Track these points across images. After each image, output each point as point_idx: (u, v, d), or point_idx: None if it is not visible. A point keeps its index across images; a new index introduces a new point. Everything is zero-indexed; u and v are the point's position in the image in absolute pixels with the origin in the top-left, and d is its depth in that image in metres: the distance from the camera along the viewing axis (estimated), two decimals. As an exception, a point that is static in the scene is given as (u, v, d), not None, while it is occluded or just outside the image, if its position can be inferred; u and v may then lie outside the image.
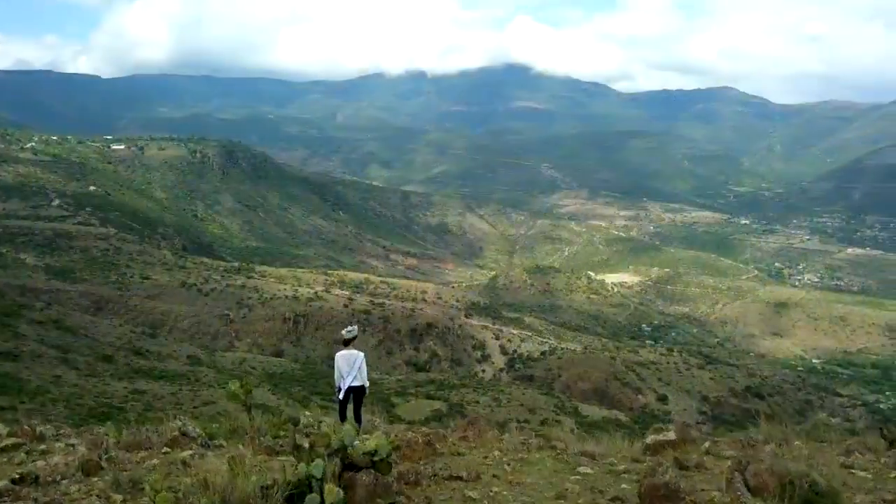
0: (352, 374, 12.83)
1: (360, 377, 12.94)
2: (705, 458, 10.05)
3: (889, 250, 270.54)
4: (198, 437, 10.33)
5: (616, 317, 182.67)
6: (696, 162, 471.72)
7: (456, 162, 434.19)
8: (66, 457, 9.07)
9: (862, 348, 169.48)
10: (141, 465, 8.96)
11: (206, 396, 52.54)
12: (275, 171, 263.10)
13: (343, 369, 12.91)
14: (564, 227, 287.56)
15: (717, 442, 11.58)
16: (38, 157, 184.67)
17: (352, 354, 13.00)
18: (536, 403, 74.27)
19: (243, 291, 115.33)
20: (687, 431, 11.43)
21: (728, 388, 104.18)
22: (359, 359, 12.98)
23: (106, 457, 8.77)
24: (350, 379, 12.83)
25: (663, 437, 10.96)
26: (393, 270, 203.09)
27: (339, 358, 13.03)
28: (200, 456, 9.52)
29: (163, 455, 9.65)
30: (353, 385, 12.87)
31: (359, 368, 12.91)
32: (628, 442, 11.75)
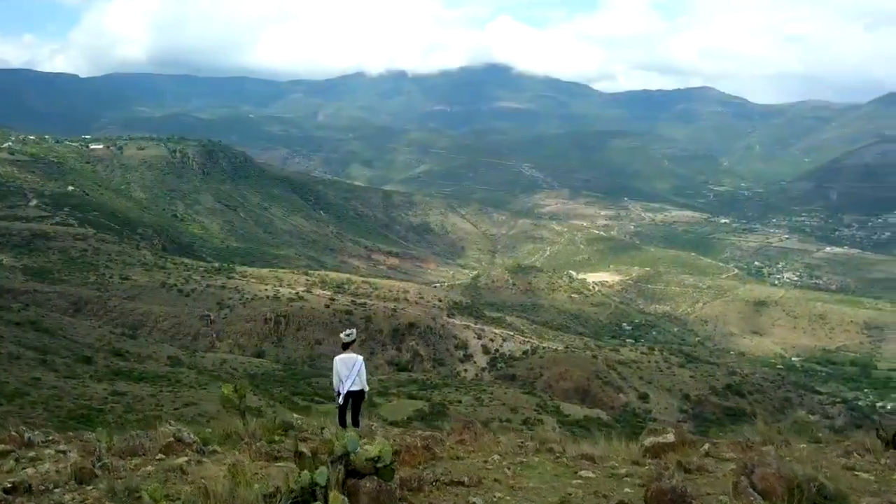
0: (351, 377, 12.70)
1: (360, 381, 12.81)
2: (705, 460, 10.02)
3: (866, 249, 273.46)
4: (193, 443, 10.13)
5: (597, 316, 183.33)
6: (676, 161, 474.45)
7: (438, 161, 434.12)
8: (57, 464, 8.89)
9: (840, 346, 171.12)
10: (136, 472, 8.77)
11: (187, 398, 52.12)
12: (255, 170, 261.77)
13: (342, 373, 12.79)
14: (546, 227, 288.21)
15: (716, 444, 11.55)
16: (16, 156, 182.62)
17: (351, 358, 12.87)
18: (518, 403, 74.35)
19: (224, 292, 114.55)
20: (685, 433, 11.40)
21: (709, 386, 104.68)
22: (358, 362, 12.85)
23: (99, 464, 8.58)
24: (349, 383, 12.70)
25: (662, 440, 10.92)
26: (375, 270, 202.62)
27: (338, 362, 12.89)
28: (197, 462, 9.35)
29: (157, 462, 9.47)
30: (353, 389, 12.75)
31: (358, 372, 12.77)
32: (626, 444, 11.70)
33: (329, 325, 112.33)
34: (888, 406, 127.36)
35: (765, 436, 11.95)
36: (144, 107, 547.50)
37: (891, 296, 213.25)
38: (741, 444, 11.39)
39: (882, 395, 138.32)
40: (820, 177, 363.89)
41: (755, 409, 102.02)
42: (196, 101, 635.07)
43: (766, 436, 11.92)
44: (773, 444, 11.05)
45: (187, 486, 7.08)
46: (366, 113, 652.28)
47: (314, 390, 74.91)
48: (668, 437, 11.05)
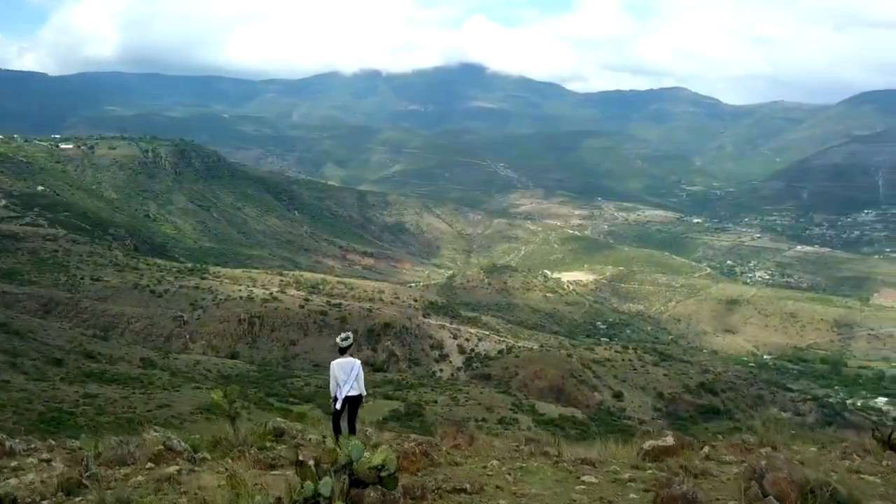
0: (349, 382, 12.44)
1: (358, 386, 12.54)
2: (707, 464, 9.95)
3: (836, 248, 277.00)
4: (183, 451, 9.85)
5: (572, 315, 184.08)
6: (648, 161, 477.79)
7: (412, 161, 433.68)
8: (42, 474, 8.59)
9: (811, 344, 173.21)
10: (126, 482, 8.50)
11: (160, 399, 51.65)
12: (228, 170, 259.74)
13: (339, 378, 12.52)
14: (521, 227, 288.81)
15: (715, 446, 11.49)
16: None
17: (349, 362, 12.61)
18: (494, 402, 74.46)
19: (197, 292, 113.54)
20: (684, 436, 11.33)
21: (682, 384, 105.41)
22: (356, 367, 12.58)
23: (87, 474, 8.30)
24: (347, 388, 12.43)
25: (661, 443, 10.84)
26: (349, 270, 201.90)
27: (336, 366, 12.63)
28: (189, 471, 9.09)
29: (147, 471, 9.19)
30: (350, 394, 12.48)
31: (356, 377, 12.51)
32: (623, 447, 11.59)
33: (304, 326, 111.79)
34: (858, 403, 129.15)
35: (762, 437, 11.91)
36: (115, 106, 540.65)
37: (860, 294, 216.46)
38: (740, 446, 11.34)
39: (852, 392, 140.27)
40: (791, 176, 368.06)
41: (728, 407, 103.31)
42: (167, 100, 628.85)
43: (763, 437, 11.89)
44: (771, 447, 11.02)
45: (182, 498, 6.86)
46: (340, 112, 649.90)
47: (289, 391, 74.50)
48: (668, 440, 10.97)
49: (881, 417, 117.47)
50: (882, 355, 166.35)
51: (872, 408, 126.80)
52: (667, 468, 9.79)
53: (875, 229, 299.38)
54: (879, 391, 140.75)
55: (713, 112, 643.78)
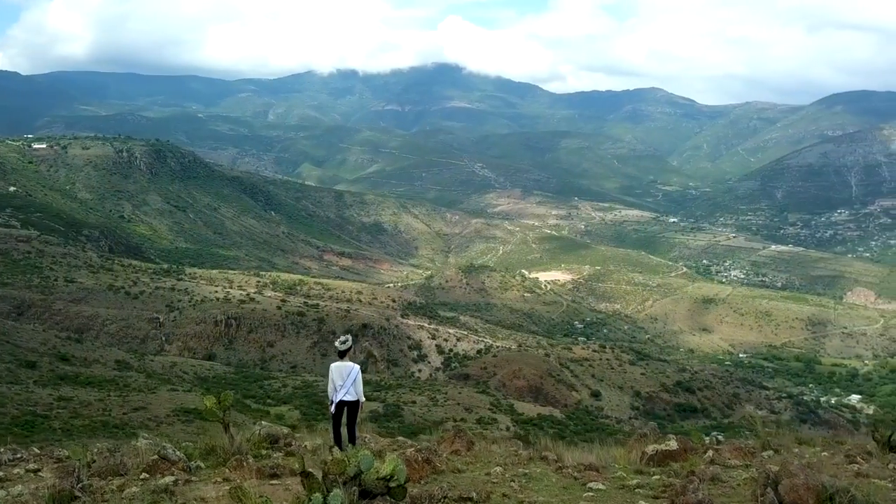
0: (345, 387, 12.23)
1: (355, 391, 12.32)
2: (712, 468, 9.88)
3: (810, 247, 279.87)
4: (178, 461, 9.60)
5: (549, 315, 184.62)
6: (625, 161, 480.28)
7: (389, 161, 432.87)
8: (30, 485, 8.35)
9: (786, 342, 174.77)
10: (119, 493, 8.27)
11: (135, 402, 51.15)
12: (204, 170, 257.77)
13: (336, 381, 12.33)
14: (498, 227, 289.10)
15: (719, 450, 11.46)
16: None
17: (346, 366, 12.44)
18: (473, 402, 74.56)
19: (173, 294, 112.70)
20: (686, 440, 11.30)
21: (659, 383, 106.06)
22: (353, 371, 12.37)
23: (79, 485, 8.07)
24: (343, 392, 12.22)
25: (665, 447, 10.79)
26: (327, 271, 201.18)
27: (333, 369, 12.46)
28: (185, 482, 8.88)
29: (142, 482, 8.94)
30: (347, 399, 12.27)
31: (353, 381, 12.29)
32: (624, 451, 11.52)
33: (281, 327, 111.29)
34: (832, 400, 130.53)
35: (763, 440, 11.91)
36: (88, 105, 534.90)
37: (833, 292, 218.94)
38: (743, 449, 11.31)
39: (826, 389, 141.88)
40: (765, 176, 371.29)
41: (705, 405, 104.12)
42: (141, 100, 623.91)
43: (765, 440, 11.89)
44: (773, 450, 11.02)
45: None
46: (316, 112, 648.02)
47: (266, 393, 74.11)
48: (671, 443, 10.92)
49: (855, 415, 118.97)
50: (855, 353, 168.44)
51: (846, 405, 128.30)
52: (674, 473, 9.74)
53: (848, 229, 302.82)
54: (853, 389, 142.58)
55: (689, 112, 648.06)
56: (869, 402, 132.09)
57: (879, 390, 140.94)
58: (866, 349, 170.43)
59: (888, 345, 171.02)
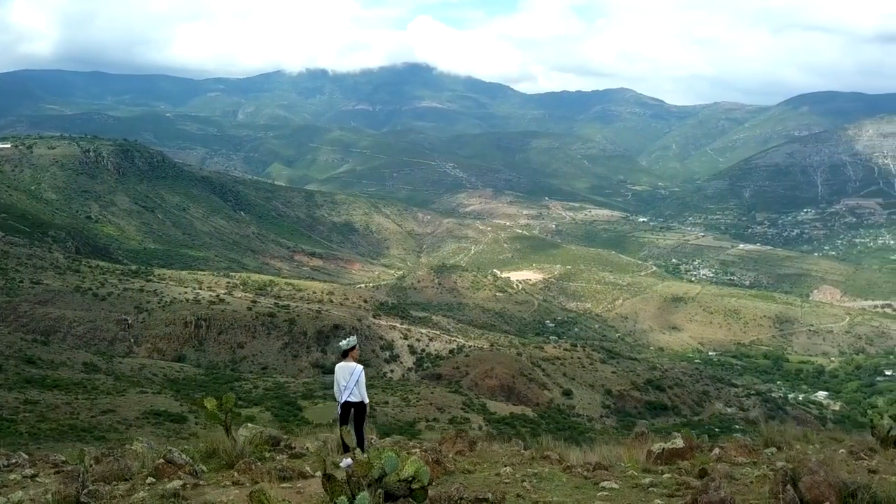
0: (349, 387, 12.01)
1: (359, 392, 12.08)
2: (720, 466, 9.85)
3: (777, 245, 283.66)
4: (185, 465, 9.32)
5: (521, 314, 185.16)
6: (595, 161, 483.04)
7: (360, 161, 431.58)
8: (30, 491, 8.05)
9: (754, 340, 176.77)
10: (127, 499, 8.02)
11: (104, 405, 50.64)
12: (173, 170, 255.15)
13: (340, 382, 12.17)
14: (470, 227, 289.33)
15: (724, 448, 11.44)
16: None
17: (349, 367, 12.22)
18: (445, 402, 74.58)
19: (142, 295, 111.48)
20: (692, 438, 11.27)
21: (630, 381, 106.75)
22: (356, 371, 12.13)
23: (85, 491, 7.80)
24: (347, 394, 12.02)
25: (671, 445, 10.76)
26: (298, 271, 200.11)
27: (338, 370, 12.33)
28: (193, 486, 8.65)
29: (149, 486, 8.68)
30: (352, 401, 12.05)
31: (357, 382, 12.05)
32: (627, 449, 11.47)
33: (251, 329, 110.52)
34: (799, 397, 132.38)
35: (766, 438, 11.94)
36: (54, 105, 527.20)
37: (800, 290, 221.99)
38: (747, 447, 11.30)
39: (793, 386, 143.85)
40: (733, 176, 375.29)
41: (675, 403, 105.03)
42: (108, 99, 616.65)
43: (767, 438, 11.91)
44: (775, 447, 11.03)
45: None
46: (286, 112, 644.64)
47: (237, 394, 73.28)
48: (678, 441, 10.89)
49: (822, 411, 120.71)
50: (821, 350, 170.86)
51: (813, 402, 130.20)
52: (685, 472, 9.70)
53: (814, 227, 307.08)
54: (819, 386, 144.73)
55: (658, 113, 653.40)
56: (835, 398, 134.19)
57: (845, 387, 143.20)
58: (832, 346, 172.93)
59: (854, 342, 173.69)
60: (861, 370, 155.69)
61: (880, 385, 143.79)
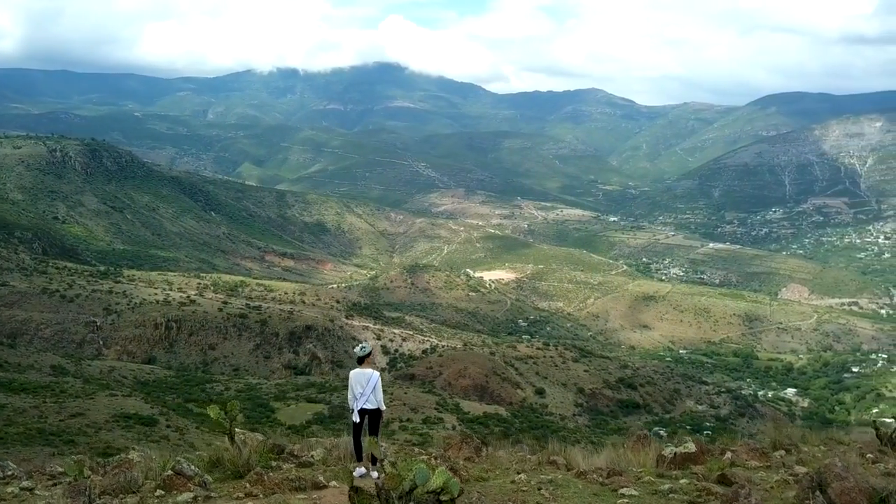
0: (365, 394, 11.85)
1: (375, 399, 11.93)
2: (736, 470, 9.75)
3: (746, 244, 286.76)
4: (194, 476, 9.02)
5: (494, 313, 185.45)
6: (566, 161, 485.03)
7: (332, 160, 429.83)
8: None
9: (724, 338, 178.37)
10: None
11: (73, 408, 49.95)
12: (142, 170, 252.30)
13: (356, 389, 11.97)
14: (443, 226, 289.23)
15: (736, 451, 11.36)
16: None
17: (366, 373, 12.08)
18: (419, 402, 74.58)
19: (111, 297, 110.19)
20: (703, 443, 11.20)
21: (602, 380, 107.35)
22: (373, 378, 12.02)
23: None
24: (363, 401, 11.84)
25: (683, 450, 10.67)
26: (269, 272, 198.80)
27: (353, 377, 12.12)
28: (204, 499, 8.36)
29: (158, 499, 8.38)
30: (368, 408, 11.88)
31: (373, 389, 11.92)
32: (635, 454, 11.34)
33: (223, 330, 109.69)
34: (769, 394, 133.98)
35: (774, 440, 11.89)
36: (19, 104, 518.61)
37: (768, 289, 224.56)
38: (757, 450, 11.23)
39: (763, 383, 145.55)
40: (703, 176, 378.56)
41: (647, 401, 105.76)
42: (75, 98, 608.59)
43: (776, 440, 11.87)
44: (784, 449, 10.97)
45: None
46: (257, 111, 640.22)
47: (209, 396, 72.85)
48: (689, 446, 10.81)
49: (791, 408, 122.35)
50: (790, 348, 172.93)
51: (782, 398, 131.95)
52: (702, 477, 9.60)
53: (782, 226, 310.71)
54: (788, 383, 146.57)
55: (628, 113, 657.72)
56: (804, 395, 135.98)
57: (813, 384, 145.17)
58: (801, 344, 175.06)
59: (821, 339, 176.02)
60: (828, 367, 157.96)
61: (847, 382, 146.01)
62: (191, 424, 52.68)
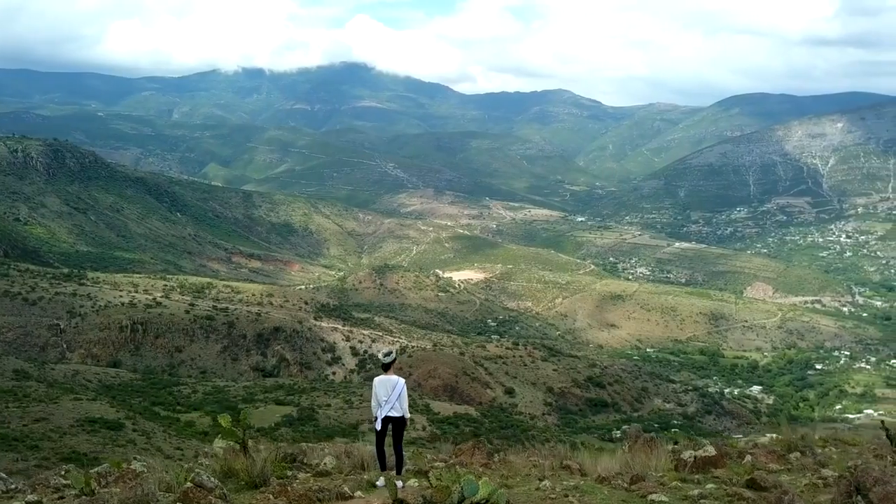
0: (390, 402, 11.67)
1: (400, 406, 11.76)
2: (758, 474, 9.69)
3: (712, 243, 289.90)
4: (215, 488, 8.67)
5: (463, 314, 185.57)
6: (533, 162, 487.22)
7: (299, 161, 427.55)
8: None
9: (691, 336, 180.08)
10: None
11: (36, 413, 49.20)
12: (106, 171, 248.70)
13: (381, 396, 11.77)
14: (411, 226, 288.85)
15: (753, 454, 11.31)
16: None
17: (391, 380, 11.88)
18: (389, 403, 74.07)
19: (75, 299, 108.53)
20: (722, 446, 11.16)
21: (571, 378, 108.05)
22: (399, 385, 11.82)
23: None
24: (388, 408, 11.66)
25: (703, 453, 10.61)
26: (236, 273, 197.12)
27: (377, 384, 11.93)
28: None
29: None
30: (392, 416, 11.70)
31: (399, 396, 11.73)
32: (650, 458, 11.24)
33: (189, 332, 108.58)
34: (735, 392, 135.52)
35: (788, 442, 11.88)
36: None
37: (734, 287, 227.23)
38: (775, 452, 11.20)
39: (729, 381, 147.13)
40: (668, 176, 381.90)
41: (616, 400, 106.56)
42: (37, 98, 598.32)
43: (791, 442, 11.86)
44: (799, 451, 10.95)
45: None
46: (223, 111, 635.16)
47: (176, 400, 72.05)
48: (709, 449, 10.76)
49: (756, 405, 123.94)
50: (755, 346, 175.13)
51: (748, 396, 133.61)
52: (727, 481, 9.51)
53: (747, 226, 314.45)
54: (754, 380, 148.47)
55: (595, 114, 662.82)
56: (769, 392, 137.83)
57: (778, 381, 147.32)
58: (766, 342, 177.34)
59: (785, 337, 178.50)
60: (793, 364, 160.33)
61: (811, 379, 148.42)
62: (158, 428, 52.05)
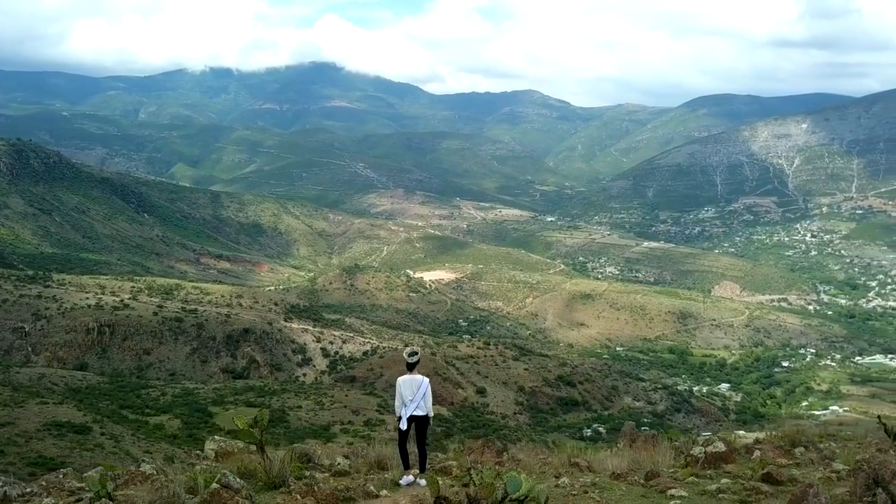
0: (415, 401, 11.73)
1: (425, 406, 11.82)
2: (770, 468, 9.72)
3: (680, 243, 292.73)
4: (242, 489, 8.50)
5: (434, 314, 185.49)
6: (503, 162, 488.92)
7: (268, 161, 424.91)
8: None
9: (660, 335, 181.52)
10: None
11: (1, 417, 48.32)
12: (71, 171, 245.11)
13: (406, 396, 11.80)
14: (382, 227, 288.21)
15: (761, 449, 11.39)
16: None
17: (416, 380, 11.93)
18: (360, 404, 74.17)
19: (40, 301, 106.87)
20: (731, 442, 11.20)
21: (542, 378, 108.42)
22: (423, 385, 11.89)
23: None
24: (413, 407, 11.71)
25: (714, 449, 10.66)
26: (205, 275, 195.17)
27: (402, 383, 11.93)
28: None
29: None
30: (416, 415, 11.75)
31: (423, 395, 11.79)
32: (657, 454, 11.24)
33: (158, 334, 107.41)
34: (704, 390, 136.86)
35: (793, 437, 11.94)
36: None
37: (702, 286, 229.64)
38: (781, 448, 11.28)
39: (698, 379, 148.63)
40: (637, 176, 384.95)
41: (586, 398, 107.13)
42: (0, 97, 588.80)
43: (794, 437, 11.92)
44: (802, 446, 11.01)
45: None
46: (190, 111, 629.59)
47: (144, 402, 71.21)
48: (719, 445, 10.81)
49: (724, 403, 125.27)
50: (723, 344, 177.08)
51: (716, 394, 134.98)
52: (742, 476, 9.55)
53: (714, 225, 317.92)
54: (722, 378, 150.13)
55: (564, 114, 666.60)
56: (737, 390, 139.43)
57: (745, 378, 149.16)
58: (733, 340, 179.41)
59: (753, 335, 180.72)
60: (760, 362, 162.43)
61: (778, 376, 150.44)
62: (126, 431, 51.36)
